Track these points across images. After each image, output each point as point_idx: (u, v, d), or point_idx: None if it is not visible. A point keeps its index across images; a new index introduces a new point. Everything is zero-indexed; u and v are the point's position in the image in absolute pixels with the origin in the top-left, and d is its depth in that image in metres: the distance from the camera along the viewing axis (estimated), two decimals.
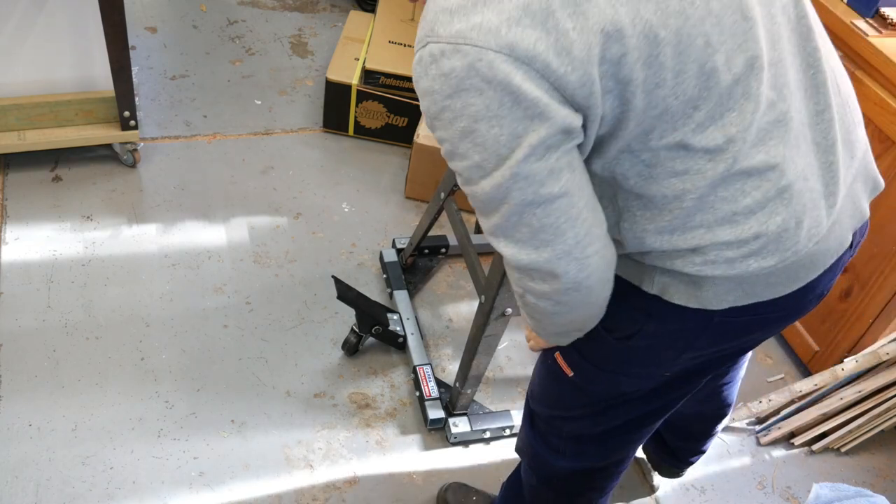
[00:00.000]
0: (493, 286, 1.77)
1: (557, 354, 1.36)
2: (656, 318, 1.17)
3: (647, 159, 1.00)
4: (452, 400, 2.00)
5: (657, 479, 2.00)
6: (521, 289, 1.10)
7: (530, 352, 2.25)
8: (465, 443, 2.02)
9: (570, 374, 1.33)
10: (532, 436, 1.51)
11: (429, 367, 2.06)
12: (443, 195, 2.08)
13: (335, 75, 2.70)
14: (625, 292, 1.16)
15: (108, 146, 2.52)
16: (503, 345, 2.24)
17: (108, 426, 1.89)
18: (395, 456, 1.96)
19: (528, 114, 0.90)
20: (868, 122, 2.03)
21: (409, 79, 2.65)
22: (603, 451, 1.46)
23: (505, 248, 1.04)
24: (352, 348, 2.12)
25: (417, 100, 0.99)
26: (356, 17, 3.02)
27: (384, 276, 2.34)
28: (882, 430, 2.13)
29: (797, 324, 2.33)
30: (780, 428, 2.15)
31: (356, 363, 2.14)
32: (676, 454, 1.90)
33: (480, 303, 1.84)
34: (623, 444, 1.45)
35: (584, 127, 0.95)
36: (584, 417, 1.41)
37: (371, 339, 2.16)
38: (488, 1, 0.89)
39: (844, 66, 2.05)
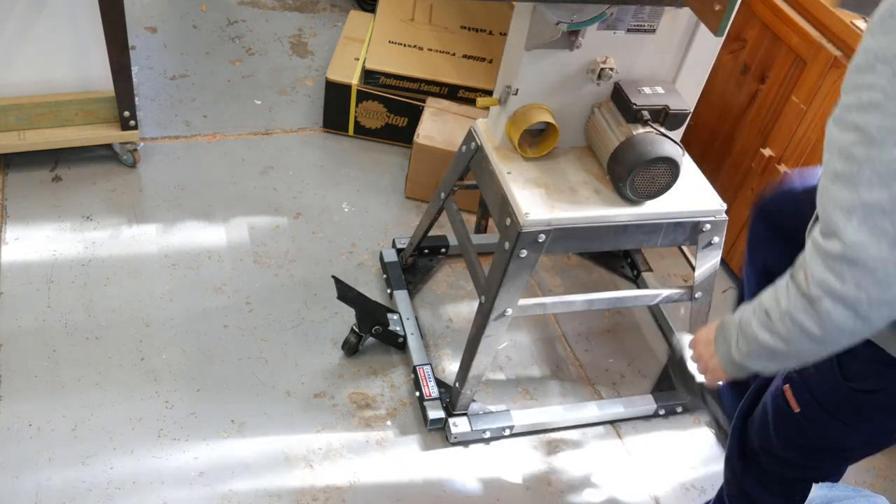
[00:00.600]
0: (493, 286, 1.77)
1: (787, 388, 1.27)
2: None
3: None
4: (452, 400, 1.99)
5: None
6: (821, 290, 0.96)
7: (530, 352, 2.25)
8: (465, 443, 2.02)
9: (797, 409, 1.25)
10: (742, 470, 1.45)
11: (429, 367, 2.06)
12: (443, 195, 2.08)
13: (335, 75, 2.70)
14: (874, 352, 1.09)
15: (108, 146, 2.52)
16: (503, 345, 2.24)
17: (108, 426, 1.89)
18: (395, 456, 1.96)
19: None
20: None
21: (409, 79, 2.65)
22: (787, 494, 1.39)
23: (854, 233, 0.91)
24: (352, 348, 2.12)
25: (417, 100, 0.96)
26: (356, 17, 3.02)
27: (384, 276, 2.34)
28: None
29: None
30: None
31: (356, 363, 2.14)
32: None
33: (480, 303, 1.84)
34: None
35: None
36: (790, 460, 1.33)
37: (371, 339, 2.16)
38: None
39: (844, 66, 2.05)
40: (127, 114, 2.38)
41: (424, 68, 2.68)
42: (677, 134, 1.83)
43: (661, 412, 2.15)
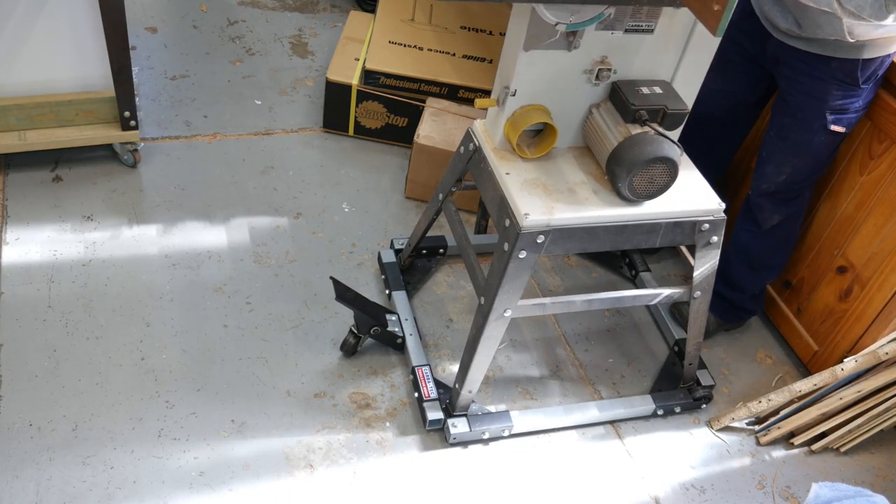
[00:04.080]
0: (493, 287, 1.77)
1: (833, 127, 1.91)
2: None
3: None
4: (452, 401, 2.00)
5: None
6: None
7: (530, 352, 2.25)
8: (465, 443, 2.02)
9: (844, 130, 1.94)
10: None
11: (427, 367, 2.06)
12: (441, 196, 2.08)
13: (335, 75, 2.70)
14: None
15: (109, 146, 2.52)
16: (503, 345, 2.25)
17: (108, 426, 1.90)
18: (395, 456, 1.96)
19: None
20: (867, 121, 2.03)
21: (409, 79, 2.66)
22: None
23: None
24: (350, 349, 2.12)
25: (417, 100, 0.97)
26: (356, 17, 3.03)
27: (382, 276, 2.34)
28: (881, 430, 2.13)
29: (797, 324, 2.33)
30: (779, 428, 2.15)
31: (356, 363, 2.14)
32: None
33: (480, 304, 1.84)
34: None
35: None
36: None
37: (371, 340, 2.16)
38: None
39: None
40: (127, 114, 2.38)
41: (424, 68, 2.68)
42: (675, 134, 1.83)
43: (660, 412, 2.15)
